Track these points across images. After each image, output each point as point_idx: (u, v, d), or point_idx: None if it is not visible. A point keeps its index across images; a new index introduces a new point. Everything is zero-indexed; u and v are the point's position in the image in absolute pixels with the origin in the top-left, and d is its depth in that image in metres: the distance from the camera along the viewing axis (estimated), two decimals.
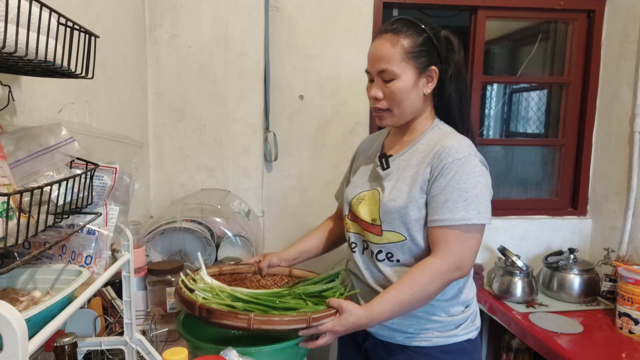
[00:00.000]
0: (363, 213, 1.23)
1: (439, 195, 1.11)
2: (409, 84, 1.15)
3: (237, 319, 1.01)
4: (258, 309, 1.10)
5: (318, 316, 1.05)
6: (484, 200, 1.10)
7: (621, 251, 2.10)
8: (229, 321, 1.01)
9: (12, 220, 0.60)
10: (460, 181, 1.09)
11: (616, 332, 1.79)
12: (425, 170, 1.14)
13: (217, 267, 1.35)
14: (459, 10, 2.31)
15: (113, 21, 1.55)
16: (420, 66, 1.15)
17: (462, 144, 1.14)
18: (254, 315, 1.01)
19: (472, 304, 1.26)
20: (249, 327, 1.00)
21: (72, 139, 0.83)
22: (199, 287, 1.17)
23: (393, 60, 1.13)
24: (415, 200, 1.14)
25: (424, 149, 1.19)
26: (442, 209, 1.10)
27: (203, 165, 2.00)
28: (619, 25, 2.16)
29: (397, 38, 1.14)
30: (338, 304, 1.09)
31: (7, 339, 0.46)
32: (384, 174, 1.22)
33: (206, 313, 1.03)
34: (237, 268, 1.38)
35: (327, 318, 1.06)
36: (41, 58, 0.69)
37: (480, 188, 1.10)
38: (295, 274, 1.40)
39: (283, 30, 2.06)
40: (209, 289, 1.17)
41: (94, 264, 0.85)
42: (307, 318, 1.03)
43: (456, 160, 1.10)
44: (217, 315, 1.02)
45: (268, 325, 1.01)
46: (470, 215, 1.08)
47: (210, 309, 1.04)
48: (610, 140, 2.22)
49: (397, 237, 1.17)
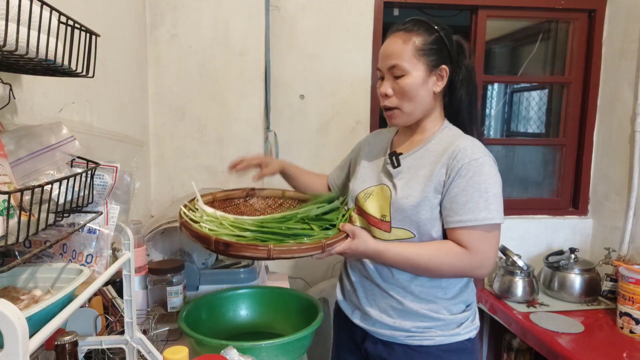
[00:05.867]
0: (372, 208, 1.23)
1: (459, 196, 1.11)
2: (418, 80, 1.15)
3: (257, 250, 1.01)
4: (267, 237, 1.10)
5: (332, 242, 1.09)
6: (501, 200, 1.13)
7: (622, 251, 2.10)
8: (249, 252, 1.01)
9: (12, 218, 0.60)
10: (480, 181, 1.10)
11: (617, 332, 1.79)
12: (440, 171, 1.14)
13: (211, 194, 1.32)
14: (460, 10, 2.31)
15: (114, 20, 1.55)
16: (431, 64, 1.16)
17: (477, 144, 1.16)
18: (272, 246, 1.02)
19: (473, 304, 1.26)
20: (269, 257, 1.01)
21: (73, 137, 0.83)
22: (203, 219, 1.13)
23: (404, 57, 1.15)
24: (428, 200, 1.14)
25: (435, 148, 1.19)
26: (464, 210, 1.10)
27: (203, 165, 2.01)
28: (619, 24, 2.16)
29: (408, 35, 1.15)
30: (351, 229, 1.14)
31: (8, 338, 0.46)
32: (395, 172, 1.22)
33: (223, 246, 1.01)
34: (230, 194, 1.37)
35: (340, 242, 1.12)
36: (42, 57, 0.68)
37: (498, 188, 1.12)
38: (288, 196, 1.39)
39: (283, 30, 2.06)
40: (215, 220, 1.14)
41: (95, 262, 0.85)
42: (322, 244, 1.07)
43: (473, 160, 1.11)
44: (235, 248, 1.01)
45: (287, 255, 1.04)
46: (492, 215, 1.10)
47: (227, 242, 1.02)
48: (611, 140, 2.21)
49: (406, 234, 1.17)
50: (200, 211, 1.18)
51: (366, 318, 1.25)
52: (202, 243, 1.05)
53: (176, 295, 1.37)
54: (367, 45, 2.12)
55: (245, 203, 1.37)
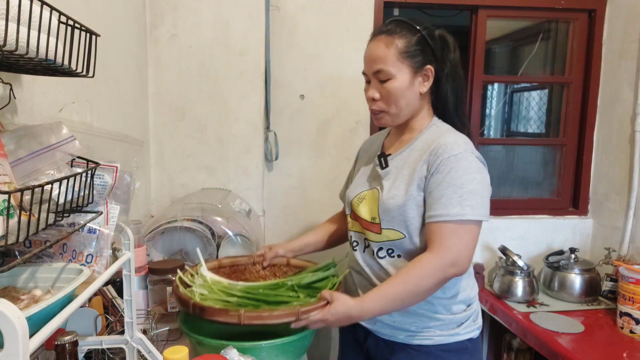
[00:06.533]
0: (363, 212, 1.24)
1: (434, 191, 1.11)
2: (404, 83, 1.15)
3: (228, 315, 1.04)
4: (251, 303, 1.13)
5: (307, 309, 1.05)
6: (479, 197, 1.09)
7: (622, 251, 2.10)
8: (221, 318, 1.04)
9: (12, 218, 0.60)
10: (456, 177, 1.09)
11: (617, 332, 1.79)
12: (422, 168, 1.14)
13: (217, 260, 1.38)
14: (460, 10, 2.30)
15: (114, 20, 1.55)
16: (415, 65, 1.16)
17: (459, 140, 1.14)
18: (244, 312, 1.03)
19: (474, 303, 1.26)
20: (240, 323, 1.02)
21: (73, 137, 0.83)
22: (197, 284, 1.19)
23: (388, 61, 1.14)
24: (413, 198, 1.14)
25: (421, 146, 1.19)
26: (437, 205, 1.10)
27: (204, 165, 2.00)
28: (620, 24, 2.16)
29: (391, 39, 1.15)
30: (329, 295, 1.09)
31: (8, 337, 0.46)
32: (383, 173, 1.23)
33: (199, 310, 1.06)
34: (237, 260, 1.40)
35: (316, 310, 1.06)
36: (42, 56, 0.69)
37: (476, 184, 1.09)
38: (293, 264, 1.41)
39: (284, 30, 2.06)
40: (207, 285, 1.20)
41: (95, 262, 0.85)
42: (297, 312, 1.05)
43: (452, 156, 1.10)
44: (209, 313, 1.05)
45: (258, 321, 1.04)
46: (464, 211, 1.07)
47: (202, 306, 1.06)
48: (611, 140, 2.21)
49: (397, 234, 1.18)
50: (199, 275, 1.24)
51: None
52: (182, 305, 1.12)
53: None
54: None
55: (251, 269, 1.41)
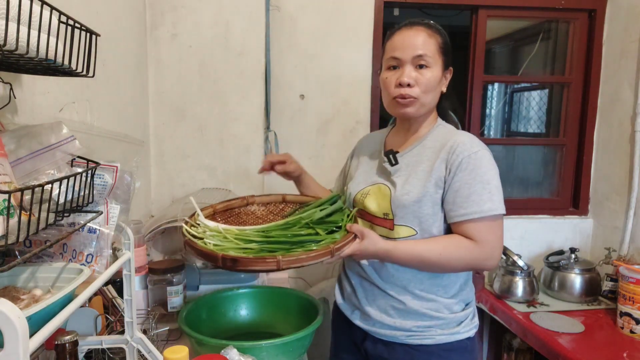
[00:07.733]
0: (372, 207, 1.23)
1: (462, 190, 1.12)
2: (438, 76, 1.18)
3: (266, 263, 0.98)
4: (274, 248, 1.06)
5: (340, 245, 1.05)
6: (501, 191, 1.14)
7: (622, 251, 2.10)
8: (258, 266, 0.99)
9: (13, 218, 0.60)
10: (481, 173, 1.12)
11: (617, 332, 1.79)
12: (440, 167, 1.15)
13: (211, 206, 1.28)
14: (460, 10, 2.31)
15: (114, 20, 1.55)
16: (444, 64, 1.19)
17: (474, 138, 1.18)
18: (281, 257, 0.99)
19: (472, 302, 1.27)
20: (279, 269, 0.98)
21: (73, 137, 0.83)
22: (206, 234, 1.10)
23: (430, 49, 1.16)
24: (430, 195, 1.15)
25: (432, 144, 1.20)
26: (468, 203, 1.11)
27: (204, 165, 2.00)
28: (620, 24, 2.16)
29: (431, 32, 1.17)
30: (359, 230, 1.11)
31: (8, 337, 0.46)
32: (393, 170, 1.23)
33: (231, 262, 0.99)
34: (230, 204, 1.33)
35: (348, 245, 1.08)
36: (42, 56, 0.68)
37: (498, 180, 1.14)
38: (289, 199, 1.36)
39: (284, 30, 2.06)
40: (218, 234, 1.10)
41: (95, 262, 0.85)
42: (331, 249, 1.03)
43: (472, 154, 1.13)
44: (243, 263, 0.98)
45: (297, 264, 1.00)
46: (496, 206, 1.11)
47: (235, 257, 0.99)
48: (612, 140, 2.21)
49: (409, 231, 1.18)
50: (203, 226, 1.15)
51: (366, 318, 1.25)
52: (209, 260, 1.03)
53: (176, 295, 1.37)
54: (367, 45, 2.11)
55: (246, 211, 1.34)
